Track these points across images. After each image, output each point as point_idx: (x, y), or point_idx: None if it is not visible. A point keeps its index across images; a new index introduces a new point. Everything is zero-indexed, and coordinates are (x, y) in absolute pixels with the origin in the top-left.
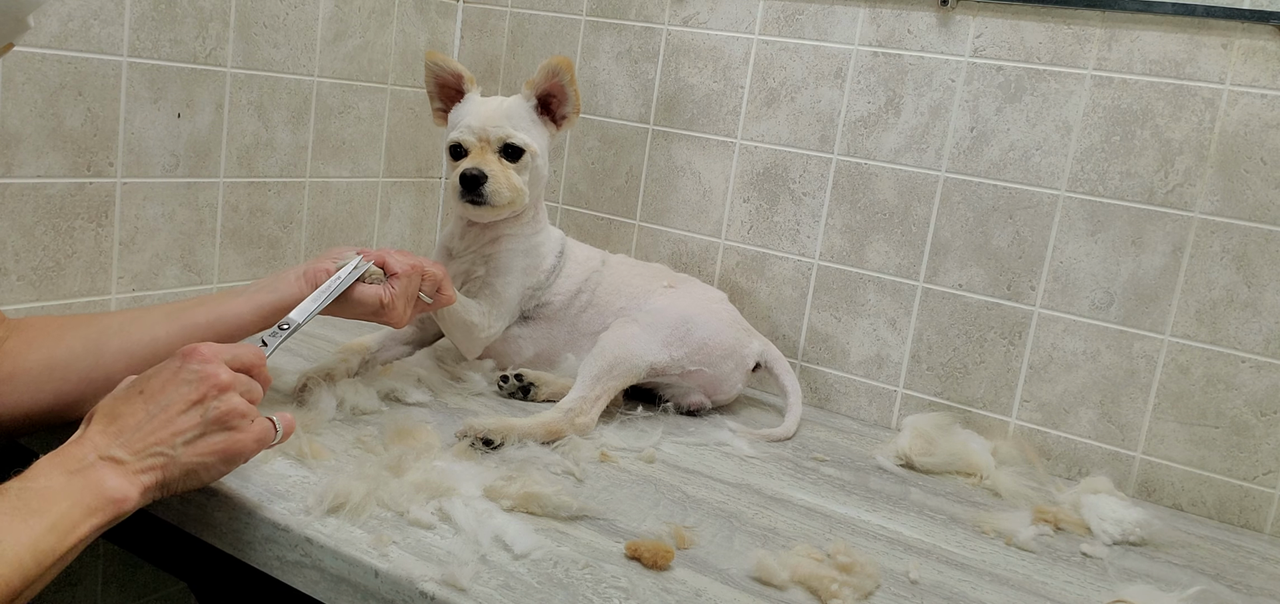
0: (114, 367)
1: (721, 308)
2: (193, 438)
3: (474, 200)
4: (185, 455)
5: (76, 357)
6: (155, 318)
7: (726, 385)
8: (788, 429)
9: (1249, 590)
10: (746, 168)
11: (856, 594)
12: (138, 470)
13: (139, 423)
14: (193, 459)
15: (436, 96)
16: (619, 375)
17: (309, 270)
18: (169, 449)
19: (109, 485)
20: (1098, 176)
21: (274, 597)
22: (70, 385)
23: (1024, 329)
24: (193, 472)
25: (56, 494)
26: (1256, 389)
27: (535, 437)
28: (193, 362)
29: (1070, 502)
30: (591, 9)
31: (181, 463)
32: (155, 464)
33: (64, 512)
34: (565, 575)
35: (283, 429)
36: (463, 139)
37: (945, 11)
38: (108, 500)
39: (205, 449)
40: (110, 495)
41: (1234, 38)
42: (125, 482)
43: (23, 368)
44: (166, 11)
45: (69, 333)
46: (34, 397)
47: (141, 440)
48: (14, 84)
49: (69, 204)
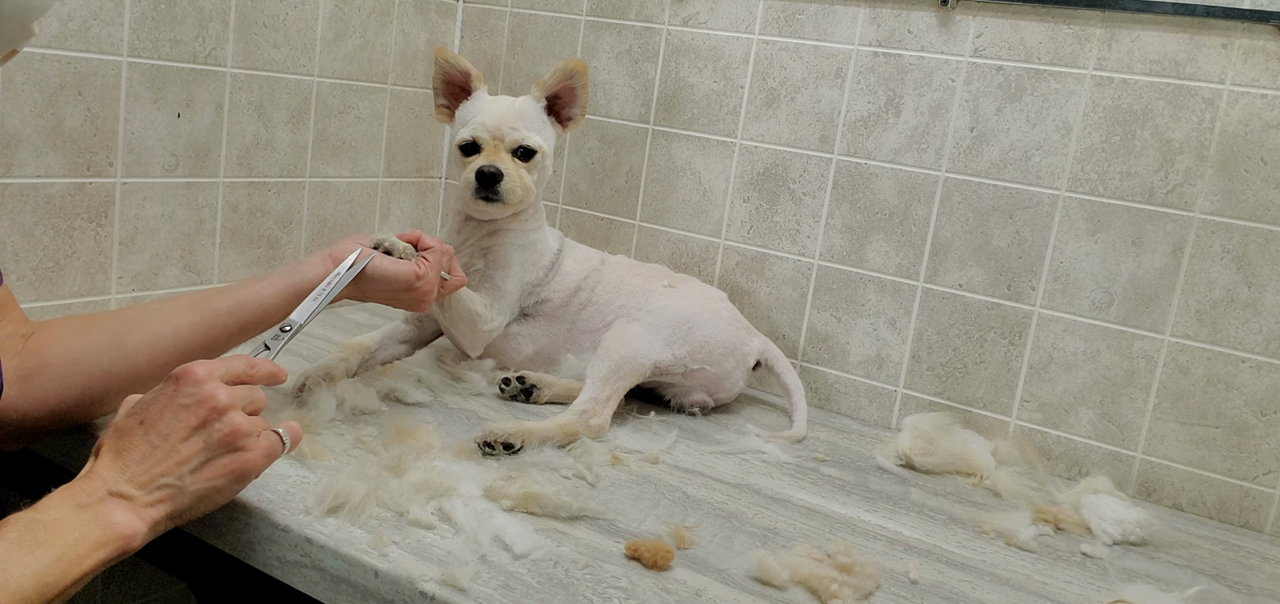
0: (136, 358)
1: (722, 307)
2: (199, 465)
3: (488, 197)
4: (193, 484)
5: (100, 350)
6: (177, 308)
7: (728, 383)
8: (799, 429)
9: (1249, 590)
10: (746, 168)
11: (856, 594)
12: (145, 505)
13: (143, 454)
14: (202, 486)
15: (442, 92)
16: (626, 375)
17: (332, 251)
18: (175, 480)
19: (117, 520)
20: (1098, 176)
21: (274, 597)
22: (94, 379)
23: (1024, 329)
24: (204, 498)
25: (65, 527)
26: (1256, 389)
27: (553, 440)
28: (186, 385)
29: (1070, 502)
30: (591, 9)
31: (190, 491)
32: (163, 497)
33: (71, 545)
34: (565, 575)
35: (290, 439)
36: (477, 136)
37: (945, 11)
38: (115, 536)
39: (214, 474)
40: (118, 531)
41: (1234, 38)
42: (133, 517)
43: (47, 363)
44: (166, 11)
45: (92, 328)
46: (60, 392)
47: (146, 473)
48: (14, 84)
49: (69, 204)
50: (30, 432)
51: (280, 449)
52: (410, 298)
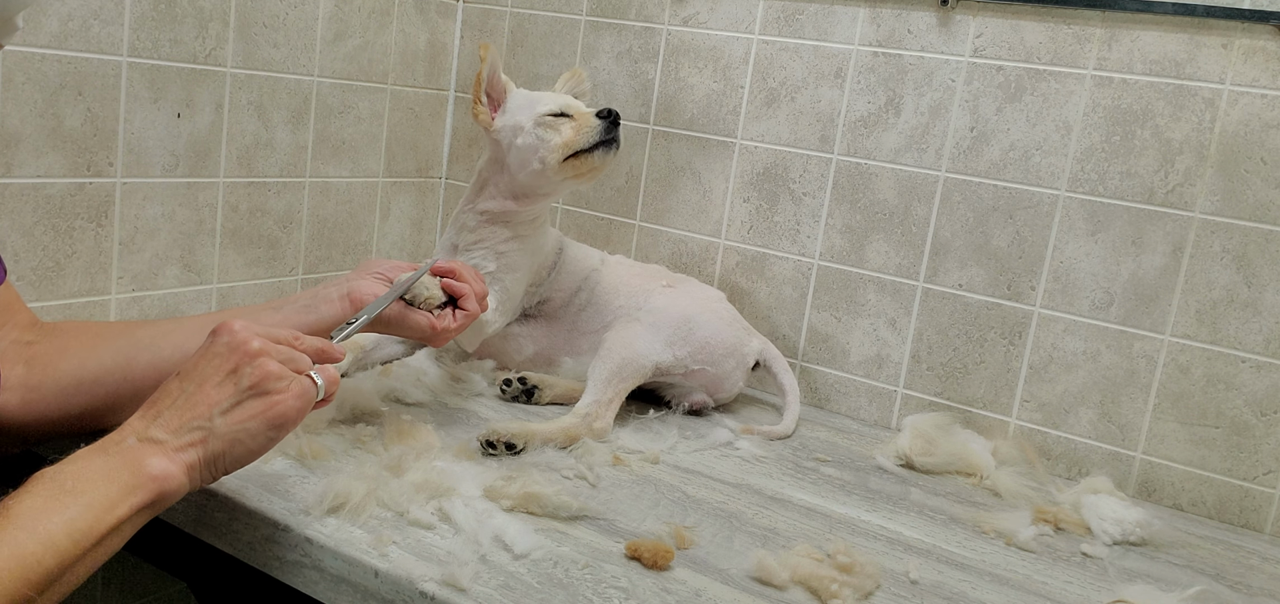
0: (143, 382)
1: (721, 307)
2: (228, 407)
3: (609, 142)
4: (223, 425)
5: (107, 371)
6: (187, 331)
7: (728, 384)
8: (786, 428)
9: (1249, 590)
10: (746, 168)
11: (856, 594)
12: (177, 448)
13: (173, 401)
14: (232, 428)
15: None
16: (628, 376)
17: (350, 291)
18: (205, 422)
19: (148, 463)
20: (1098, 176)
21: (274, 597)
22: (98, 400)
23: (1024, 329)
24: (236, 441)
25: (93, 475)
26: (1256, 389)
27: (555, 441)
28: (222, 335)
29: (1070, 502)
30: (591, 9)
31: (220, 434)
32: (194, 439)
33: (102, 492)
34: (565, 575)
35: (324, 385)
36: (564, 106)
37: (945, 11)
38: (148, 478)
39: (244, 416)
40: (150, 473)
41: (1234, 38)
42: (166, 460)
43: (52, 378)
44: (166, 11)
45: (102, 345)
46: (62, 407)
47: (178, 418)
48: (14, 84)
49: (69, 204)
50: (30, 439)
51: (314, 394)
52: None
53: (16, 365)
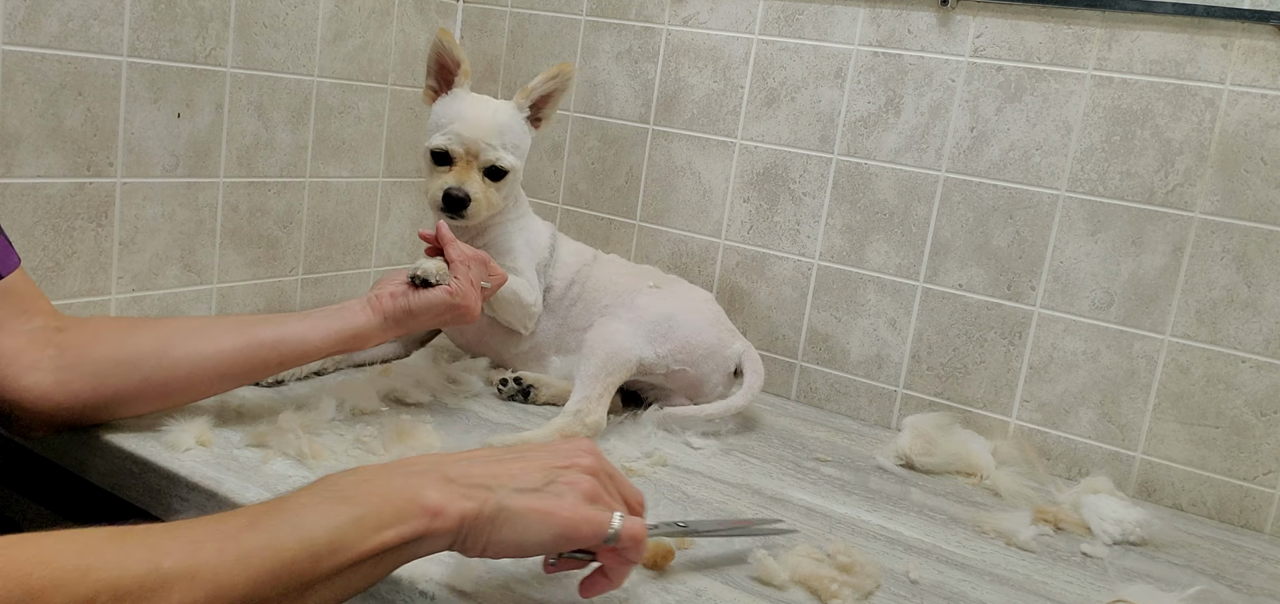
0: (177, 371)
1: (705, 307)
2: (527, 488)
3: (453, 217)
4: (511, 500)
5: (144, 355)
6: (222, 328)
7: (708, 387)
8: (713, 409)
9: (1249, 590)
10: (746, 168)
11: (856, 594)
12: (460, 493)
13: (485, 459)
14: (518, 507)
15: (434, 74)
16: (614, 370)
17: (374, 299)
18: (496, 485)
19: (426, 493)
20: (1098, 176)
21: None
22: (132, 384)
23: (1024, 329)
24: (512, 520)
25: (371, 491)
26: (1256, 389)
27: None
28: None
29: (1070, 502)
30: (591, 9)
31: (505, 505)
32: (480, 497)
33: (374, 508)
34: (566, 575)
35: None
36: (450, 147)
37: (945, 11)
38: (420, 508)
39: (534, 504)
40: (424, 503)
41: (1234, 38)
42: (443, 498)
43: (89, 358)
44: (166, 11)
45: (137, 331)
46: (95, 388)
47: (479, 473)
48: (14, 84)
49: (69, 204)
50: (60, 423)
51: (606, 528)
52: (453, 315)
53: (47, 348)
